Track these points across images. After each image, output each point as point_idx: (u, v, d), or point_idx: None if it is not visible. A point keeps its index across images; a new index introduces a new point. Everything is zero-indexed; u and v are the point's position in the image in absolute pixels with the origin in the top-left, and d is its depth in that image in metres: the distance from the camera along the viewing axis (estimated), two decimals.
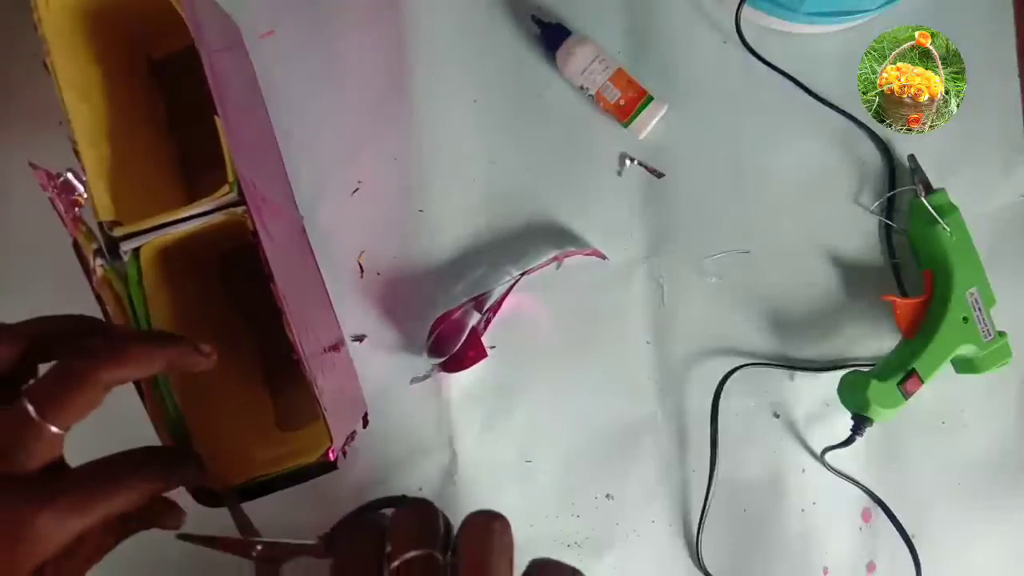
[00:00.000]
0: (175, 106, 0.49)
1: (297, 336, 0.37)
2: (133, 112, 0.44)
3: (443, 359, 0.49)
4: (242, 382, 0.47)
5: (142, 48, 0.48)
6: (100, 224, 0.38)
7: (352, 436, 0.45)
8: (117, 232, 0.37)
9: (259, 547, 0.34)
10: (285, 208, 0.49)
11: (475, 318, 0.49)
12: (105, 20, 0.42)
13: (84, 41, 0.41)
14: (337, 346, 0.48)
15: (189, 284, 0.43)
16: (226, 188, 0.37)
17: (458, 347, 0.49)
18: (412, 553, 0.28)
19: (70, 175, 0.36)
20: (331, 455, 0.39)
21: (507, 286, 0.50)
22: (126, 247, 0.37)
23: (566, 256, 0.52)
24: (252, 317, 0.49)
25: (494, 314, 0.51)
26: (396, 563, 0.28)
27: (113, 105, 0.41)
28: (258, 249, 0.37)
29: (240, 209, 0.37)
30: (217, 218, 0.38)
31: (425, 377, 0.51)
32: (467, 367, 0.49)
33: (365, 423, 0.49)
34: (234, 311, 0.49)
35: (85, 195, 0.37)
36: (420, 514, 0.30)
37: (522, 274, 0.50)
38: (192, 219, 0.38)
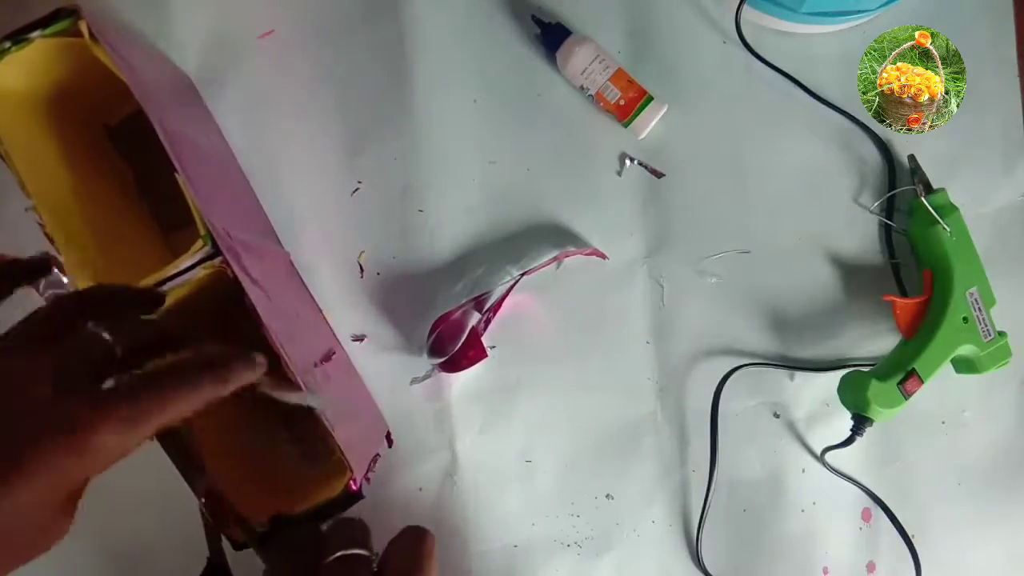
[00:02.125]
0: (142, 167, 0.48)
1: (301, 376, 0.37)
2: (100, 182, 0.44)
3: (443, 359, 0.49)
4: (259, 422, 0.47)
5: (96, 118, 0.47)
6: None
7: (375, 459, 0.45)
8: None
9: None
10: (266, 245, 0.49)
11: (475, 318, 0.49)
12: (55, 100, 0.42)
13: (38, 125, 0.41)
14: (330, 355, 0.48)
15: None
16: (200, 243, 0.37)
17: (458, 347, 0.49)
18: (345, 551, 0.32)
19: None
20: (354, 486, 0.39)
21: (507, 286, 0.50)
22: None
23: (566, 256, 0.52)
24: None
25: (494, 314, 0.51)
26: (330, 559, 0.32)
27: (78, 180, 0.42)
28: (243, 296, 0.37)
29: (217, 260, 0.37)
30: (198, 274, 0.38)
31: (425, 377, 0.51)
32: (467, 367, 0.49)
33: (390, 442, 0.49)
34: None
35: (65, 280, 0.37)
36: (354, 523, 0.34)
37: (522, 274, 0.50)
38: (174, 278, 0.38)
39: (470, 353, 0.49)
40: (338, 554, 0.32)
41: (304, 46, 0.52)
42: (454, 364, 0.49)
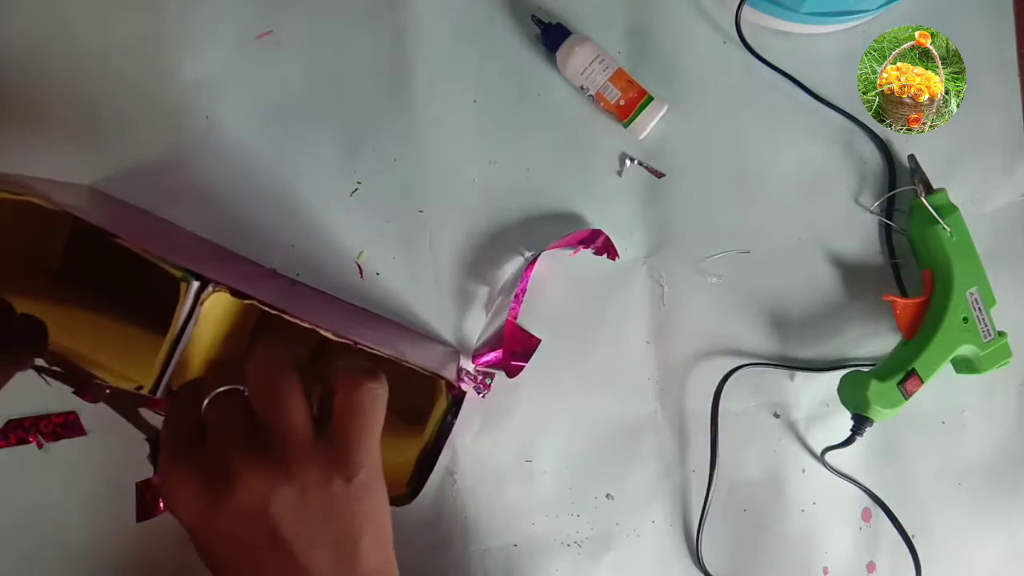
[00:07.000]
0: (111, 288, 0.47)
1: (342, 335, 0.38)
2: (89, 321, 0.44)
3: (500, 361, 0.50)
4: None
5: (40, 266, 0.47)
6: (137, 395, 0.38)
7: (460, 372, 0.48)
8: (146, 391, 0.37)
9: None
10: (250, 272, 0.48)
11: (506, 308, 0.50)
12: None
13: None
14: (365, 319, 0.49)
15: None
16: (183, 286, 0.36)
17: (504, 344, 0.49)
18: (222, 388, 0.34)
19: None
20: (455, 391, 0.43)
21: (521, 267, 0.50)
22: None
23: (577, 240, 0.51)
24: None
25: (519, 299, 0.50)
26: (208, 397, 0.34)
27: (68, 327, 0.41)
28: (249, 298, 0.37)
29: (211, 287, 0.36)
30: (201, 313, 0.37)
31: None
32: (527, 361, 0.50)
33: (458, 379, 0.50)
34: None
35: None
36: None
37: (536, 256, 0.50)
38: (184, 331, 0.37)
39: (519, 348, 0.50)
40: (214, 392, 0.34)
41: (304, 46, 0.52)
42: (512, 366, 0.50)
